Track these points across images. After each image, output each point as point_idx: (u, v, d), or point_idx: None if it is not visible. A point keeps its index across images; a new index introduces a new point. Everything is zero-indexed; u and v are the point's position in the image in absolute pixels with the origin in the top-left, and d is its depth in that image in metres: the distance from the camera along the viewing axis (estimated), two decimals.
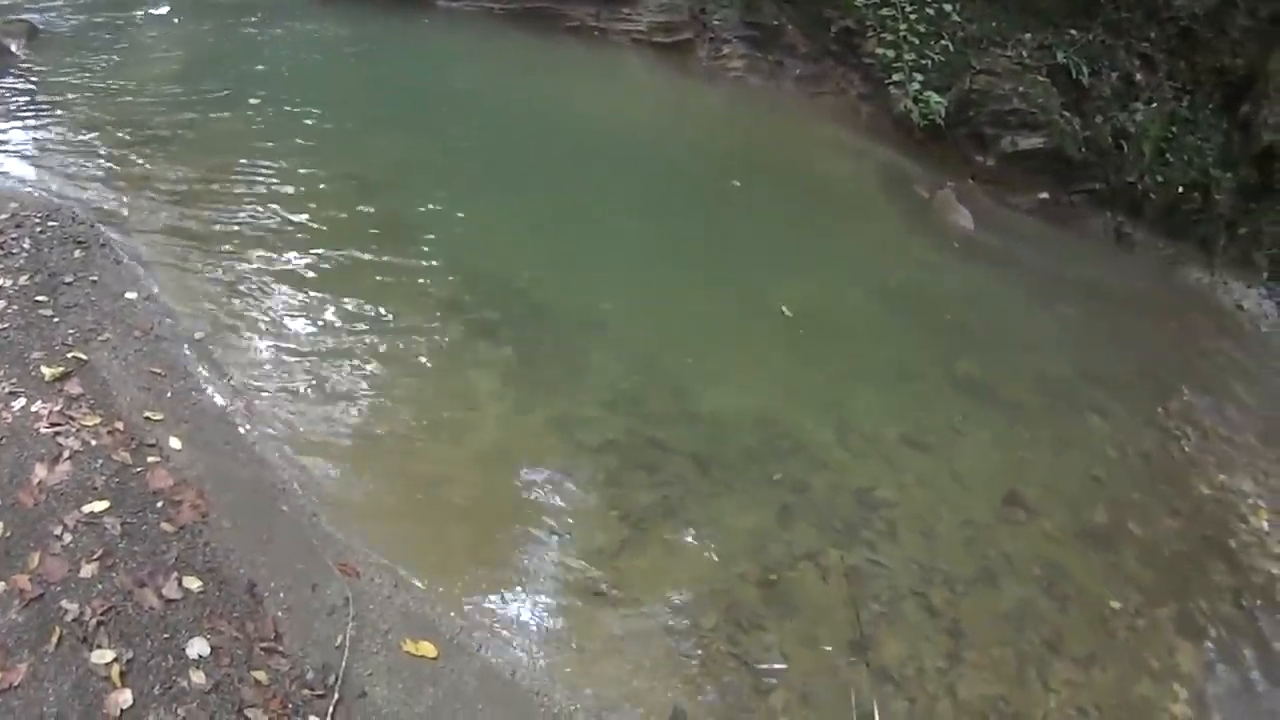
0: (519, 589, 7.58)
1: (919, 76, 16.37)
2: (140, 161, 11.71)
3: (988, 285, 14.58)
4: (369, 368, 9.36)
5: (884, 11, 16.71)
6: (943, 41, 16.73)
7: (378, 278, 10.65)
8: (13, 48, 14.72)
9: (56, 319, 8.31)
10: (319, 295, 10.15)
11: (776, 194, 15.28)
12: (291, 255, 10.68)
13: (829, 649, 7.85)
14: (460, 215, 12.22)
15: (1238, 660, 9.35)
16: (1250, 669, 9.29)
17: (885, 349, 12.06)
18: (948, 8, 16.55)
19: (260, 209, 11.32)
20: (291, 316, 9.78)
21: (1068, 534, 10.05)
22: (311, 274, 10.44)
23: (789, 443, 9.84)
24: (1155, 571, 9.99)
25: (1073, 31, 17.72)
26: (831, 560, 8.59)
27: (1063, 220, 17.50)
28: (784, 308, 11.70)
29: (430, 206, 12.23)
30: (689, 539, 8.40)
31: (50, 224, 9.79)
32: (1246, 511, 11.46)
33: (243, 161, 12.17)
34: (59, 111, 12.67)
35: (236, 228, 10.93)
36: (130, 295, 9.11)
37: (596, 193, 13.82)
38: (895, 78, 16.45)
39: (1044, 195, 17.44)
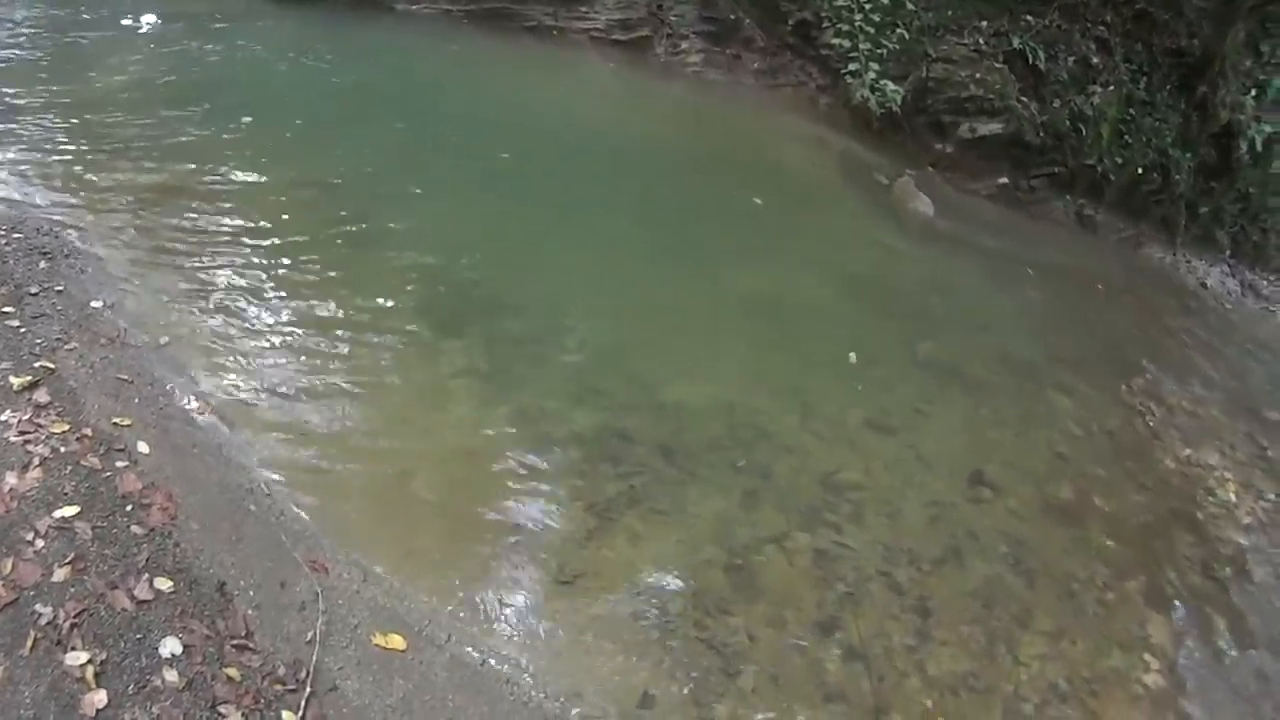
0: (487, 580, 7.65)
1: (875, 66, 16.47)
2: (104, 172, 11.70)
3: (949, 270, 14.72)
4: (334, 367, 9.42)
5: (839, 2, 16.77)
6: (899, 30, 16.83)
7: (342, 279, 10.69)
8: None
9: (23, 329, 8.33)
10: (283, 298, 10.20)
11: (737, 185, 15.40)
12: (255, 259, 10.68)
13: (797, 630, 7.92)
14: (424, 215, 12.28)
15: (1209, 630, 9.51)
16: (1221, 638, 9.45)
17: (847, 335, 12.12)
18: None
19: (224, 215, 11.34)
20: (256, 319, 9.79)
21: (1034, 511, 10.20)
22: (275, 277, 10.48)
23: (752, 430, 9.94)
24: (1123, 545, 10.14)
25: (1028, 17, 17.86)
26: (797, 544, 8.70)
27: (1023, 204, 17.69)
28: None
29: (394, 207, 12.25)
30: (655, 527, 8.47)
31: (15, 236, 9.81)
32: (1214, 484, 11.62)
33: (206, 169, 12.17)
34: (21, 124, 12.65)
35: (200, 234, 10.92)
36: (96, 304, 9.14)
37: (557, 190, 13.89)
38: (852, 67, 16.55)
39: (1003, 180, 17.59)
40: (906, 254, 14.74)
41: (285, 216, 11.59)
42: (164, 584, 6.27)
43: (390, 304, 10.50)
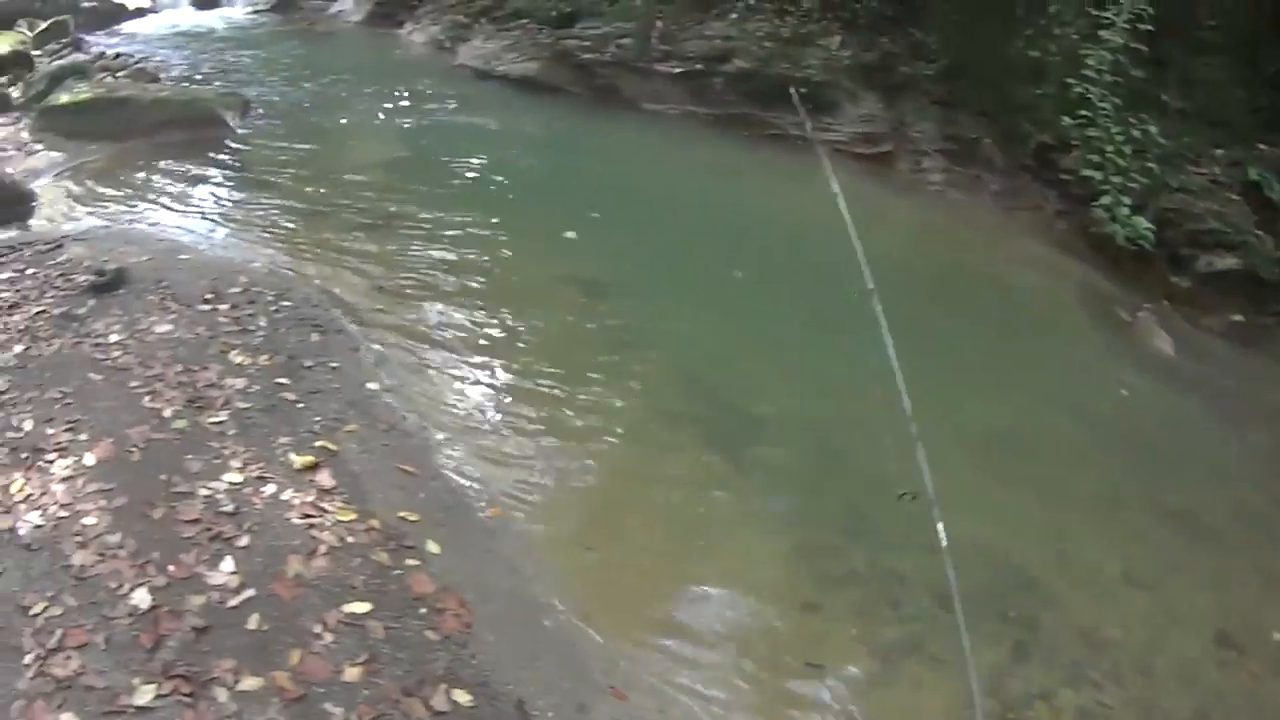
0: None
1: (1126, 200, 16.11)
2: (359, 247, 11.94)
3: (1188, 412, 14.22)
4: (612, 473, 9.35)
5: (1091, 132, 16.38)
6: (1146, 163, 16.44)
7: (606, 381, 10.67)
8: (229, 120, 15.20)
9: (300, 404, 8.42)
10: (554, 399, 10.19)
11: (971, 310, 15.18)
12: (521, 357, 10.77)
13: None
14: (680, 320, 12.27)
15: None
16: None
17: (1093, 477, 11.71)
18: (1152, 129, 16.27)
19: (485, 309, 11.50)
20: (528, 419, 9.77)
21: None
22: (543, 378, 10.49)
23: (1018, 578, 9.69)
24: None
25: (1262, 146, 17.36)
26: (1063, 701, 8.44)
27: (1260, 343, 17.08)
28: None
29: (654, 312, 12.27)
30: (936, 675, 8.24)
31: (284, 303, 9.97)
32: None
33: (460, 255, 12.28)
34: (273, 187, 12.95)
35: (463, 327, 11.09)
36: (373, 386, 9.19)
37: (795, 301, 13.77)
38: (1104, 200, 16.13)
39: (1238, 317, 17.02)
40: (1146, 392, 14.29)
41: (544, 314, 11.72)
42: (462, 696, 6.17)
43: (657, 412, 10.43)
